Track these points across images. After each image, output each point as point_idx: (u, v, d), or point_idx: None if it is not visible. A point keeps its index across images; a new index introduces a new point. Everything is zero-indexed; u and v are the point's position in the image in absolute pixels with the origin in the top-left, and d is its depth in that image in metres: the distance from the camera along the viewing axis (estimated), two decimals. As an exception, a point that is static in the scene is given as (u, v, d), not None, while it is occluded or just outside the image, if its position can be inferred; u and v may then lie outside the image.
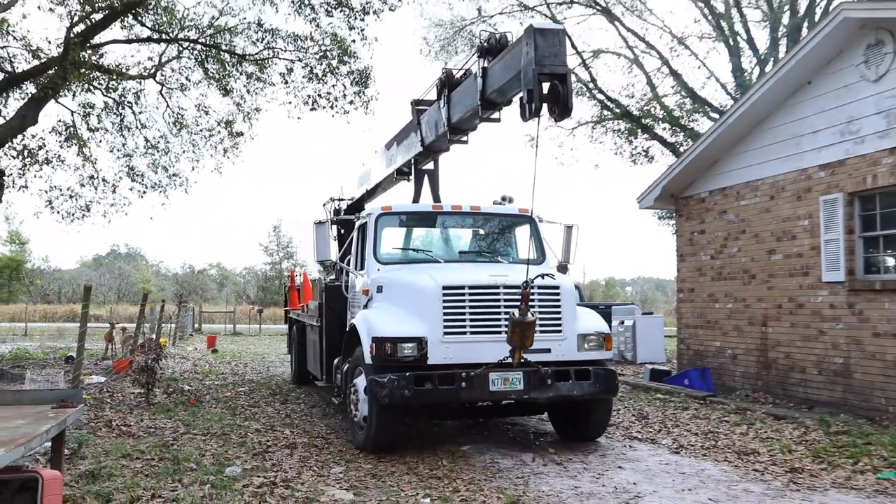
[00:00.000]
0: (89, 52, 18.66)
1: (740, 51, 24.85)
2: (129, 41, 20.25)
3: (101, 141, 21.59)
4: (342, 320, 12.01)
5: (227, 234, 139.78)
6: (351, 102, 20.45)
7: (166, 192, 22.44)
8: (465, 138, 11.42)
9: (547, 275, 9.59)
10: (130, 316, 29.75)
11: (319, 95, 20.46)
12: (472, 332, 9.28)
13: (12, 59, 19.59)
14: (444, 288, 9.32)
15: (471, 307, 9.34)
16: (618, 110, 26.36)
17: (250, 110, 21.72)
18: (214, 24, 20.36)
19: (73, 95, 20.21)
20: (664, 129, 26.77)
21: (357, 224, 12.18)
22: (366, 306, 10.58)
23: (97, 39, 19.20)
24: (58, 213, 21.40)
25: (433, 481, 8.15)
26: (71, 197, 21.41)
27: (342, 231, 15.51)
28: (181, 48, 20.74)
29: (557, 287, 9.74)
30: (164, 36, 20.15)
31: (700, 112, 25.80)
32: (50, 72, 17.50)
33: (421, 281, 9.77)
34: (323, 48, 20.17)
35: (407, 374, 8.92)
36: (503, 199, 12.32)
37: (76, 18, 17.97)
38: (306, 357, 15.72)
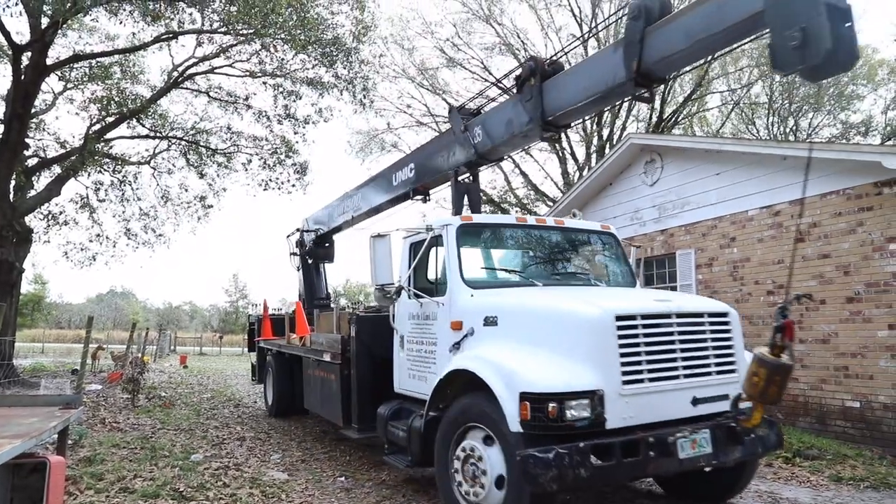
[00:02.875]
0: (102, 144, 18.61)
1: (566, 160, 25.79)
2: (132, 137, 20.15)
3: (106, 209, 21.14)
4: (382, 358, 7.23)
5: (198, 276, 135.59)
6: (293, 186, 20.57)
7: (153, 247, 21.85)
8: (556, 135, 7.44)
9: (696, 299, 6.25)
10: (122, 340, 28.44)
11: (270, 180, 20.51)
12: (650, 380, 4.99)
13: (45, 148, 19.80)
14: (618, 318, 4.95)
15: (645, 344, 5.03)
16: (484, 197, 26.95)
17: (219, 189, 21.58)
18: (196, 126, 20.57)
19: (88, 175, 19.78)
20: (516, 211, 27.47)
21: (413, 241, 6.94)
22: (457, 345, 5.84)
23: (109, 135, 19.11)
24: (71, 261, 20.82)
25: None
26: (82, 250, 20.80)
27: (309, 259, 13.30)
28: (170, 143, 20.66)
29: (726, 314, 5.57)
30: (158, 134, 20.12)
31: (540, 200, 26.56)
32: (72, 158, 17.44)
33: (574, 308, 5.18)
34: (274, 146, 20.44)
35: (581, 444, 4.59)
36: (573, 214, 8.05)
37: (94, 120, 18.88)
38: (291, 392, 11.27)
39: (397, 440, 6.48)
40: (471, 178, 8.31)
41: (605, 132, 24.50)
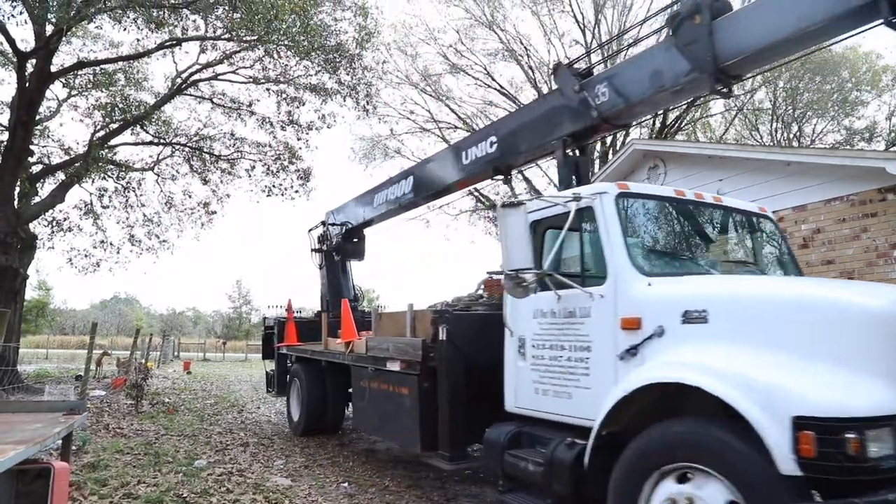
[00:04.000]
0: (106, 150, 18.70)
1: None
2: (136, 144, 20.23)
3: (110, 215, 21.22)
4: (482, 368, 5.80)
5: (202, 282, 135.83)
6: (297, 192, 20.66)
7: (157, 253, 21.93)
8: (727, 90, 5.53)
9: None
10: (126, 346, 28.54)
11: (274, 186, 20.58)
12: None
13: (49, 155, 19.80)
14: None
15: None
16: (487, 203, 26.96)
17: (223, 195, 21.70)
18: (199, 132, 20.67)
19: (92, 181, 19.88)
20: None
21: (540, 217, 5.40)
22: (633, 350, 4.29)
23: (113, 142, 19.20)
24: (75, 267, 20.86)
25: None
26: (86, 256, 20.81)
27: (336, 256, 11.79)
28: (174, 149, 20.75)
29: None
30: (161, 140, 20.18)
31: (542, 207, 26.50)
32: (76, 164, 17.55)
33: (850, 299, 3.72)
34: (277, 152, 20.55)
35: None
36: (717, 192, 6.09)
37: (98, 127, 18.99)
38: (323, 407, 9.98)
39: (524, 475, 4.83)
40: (577, 150, 6.70)
41: (609, 138, 24.53)
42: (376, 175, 46.08)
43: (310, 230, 12.53)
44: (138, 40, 16.78)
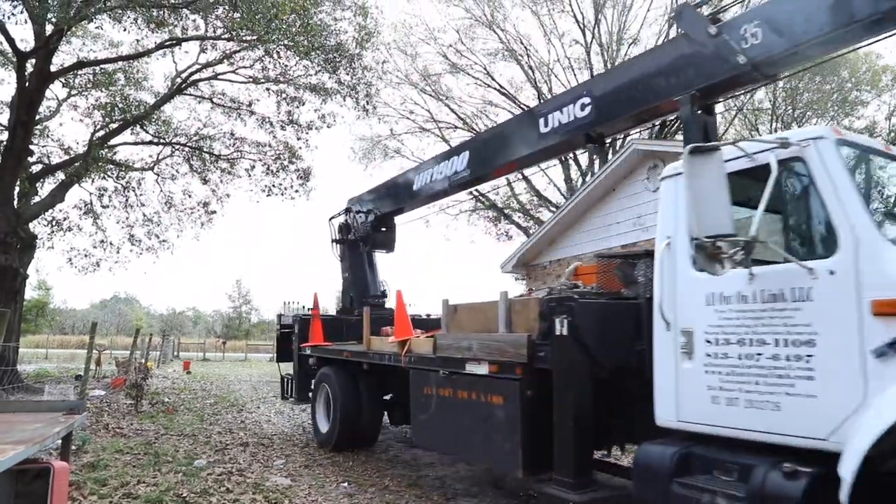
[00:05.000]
0: (106, 150, 18.71)
1: (570, 166, 25.77)
2: (135, 143, 20.26)
3: (110, 215, 21.23)
4: (617, 370, 4.76)
5: (202, 282, 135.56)
6: (296, 192, 20.67)
7: (157, 253, 21.92)
8: None
9: None
10: (126, 346, 28.56)
11: (274, 186, 20.58)
12: None
13: (49, 155, 19.83)
14: None
15: None
16: (487, 203, 26.97)
17: (222, 195, 21.72)
18: (199, 132, 20.68)
19: (92, 181, 19.89)
20: (519, 217, 27.50)
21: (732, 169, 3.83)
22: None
23: (112, 142, 19.22)
24: (75, 267, 20.86)
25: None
26: (86, 256, 20.82)
27: (364, 245, 10.69)
28: (174, 149, 20.77)
29: None
30: (161, 140, 20.21)
31: (543, 206, 26.57)
32: (76, 164, 17.56)
33: None
34: (277, 152, 20.55)
35: None
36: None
37: (98, 126, 19.01)
38: (359, 416, 8.77)
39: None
40: (701, 110, 5.36)
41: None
42: (376, 175, 46.02)
43: (331, 218, 11.50)
44: (138, 40, 16.87)
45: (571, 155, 25.64)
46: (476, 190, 25.74)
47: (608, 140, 6.98)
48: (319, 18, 17.91)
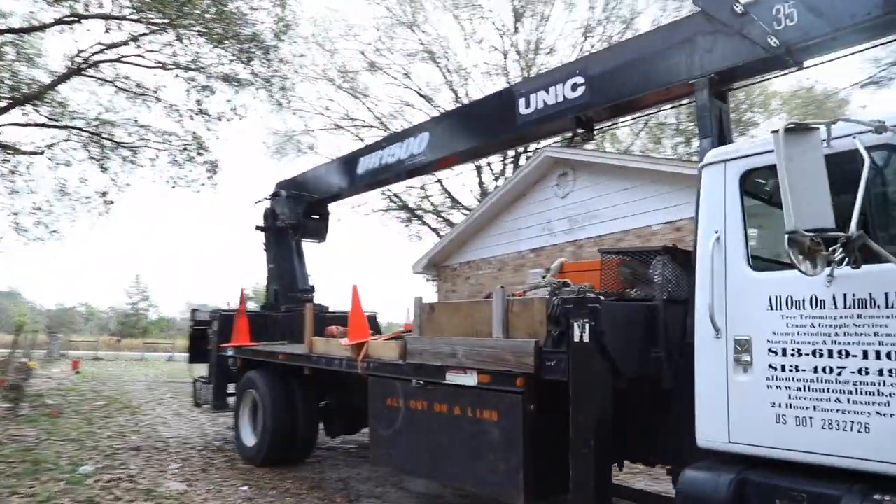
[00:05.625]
0: (-10, 130, 16.62)
1: (483, 170, 25.43)
2: (26, 125, 18.19)
3: (-8, 201, 18.84)
4: (639, 382, 4.09)
5: (96, 277, 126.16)
6: (203, 184, 19.38)
7: (45, 243, 19.84)
8: None
9: None
10: (4, 344, 25.73)
11: (180, 178, 19.18)
12: None
13: None
14: None
15: None
16: (400, 203, 26.22)
17: (122, 185, 19.84)
18: (100, 117, 18.85)
19: (-26, 163, 17.63)
20: (432, 218, 26.94)
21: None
22: None
23: (-1, 121, 17.10)
24: (-54, 256, 18.50)
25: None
26: (-41, 244, 18.48)
27: (295, 234, 9.52)
28: (70, 133, 18.81)
29: None
30: (56, 123, 18.27)
31: (456, 209, 26.14)
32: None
33: None
34: (185, 142, 19.14)
35: None
36: None
37: None
38: (293, 428, 7.53)
39: None
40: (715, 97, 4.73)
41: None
42: (289, 171, 44.20)
43: (257, 202, 10.21)
44: (32, 12, 15.03)
45: (485, 160, 25.38)
46: (389, 189, 24.93)
47: (596, 128, 6.08)
48: (236, 6, 17.05)
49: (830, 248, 2.82)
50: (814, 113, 22.46)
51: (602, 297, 3.98)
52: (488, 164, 25.02)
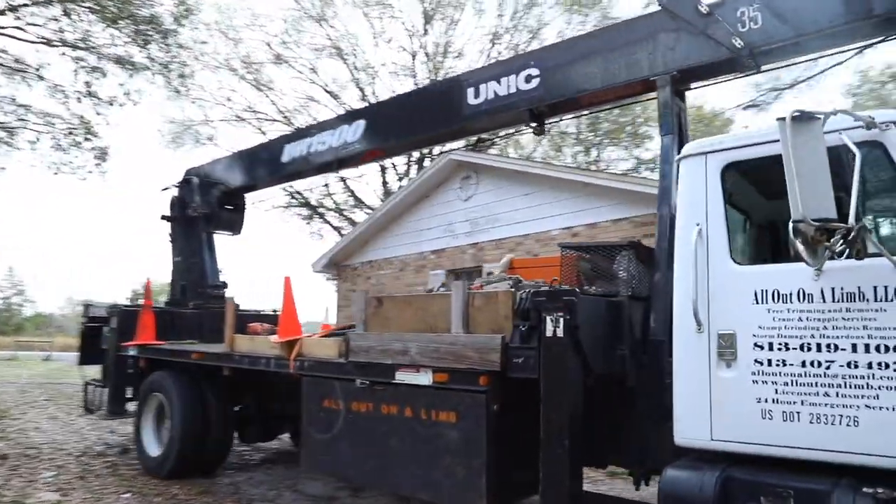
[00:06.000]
0: None
1: (387, 169, 25.05)
2: None
3: None
4: (599, 378, 3.87)
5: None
6: (90, 172, 18.15)
7: None
8: None
9: None
10: None
11: (64, 164, 17.84)
12: None
13: None
14: None
15: None
16: (301, 200, 25.34)
17: (-4, 168, 18.11)
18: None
19: None
20: (334, 216, 26.23)
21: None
22: None
23: None
24: None
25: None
26: None
27: (208, 225, 8.75)
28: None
29: None
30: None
31: (359, 208, 25.60)
32: None
33: None
34: (70, 126, 17.73)
35: None
36: None
37: None
38: (203, 437, 6.67)
39: None
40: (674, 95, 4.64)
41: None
42: (185, 162, 41.73)
43: (164, 189, 9.24)
44: None
45: (389, 161, 25.02)
46: (291, 186, 24.04)
47: (548, 123, 5.79)
48: (134, -17, 15.74)
49: (833, 240, 2.72)
50: (702, 131, 23.76)
51: (577, 290, 3.74)
52: (392, 165, 24.74)
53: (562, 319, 3.58)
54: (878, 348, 2.87)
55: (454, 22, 23.76)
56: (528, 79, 5.34)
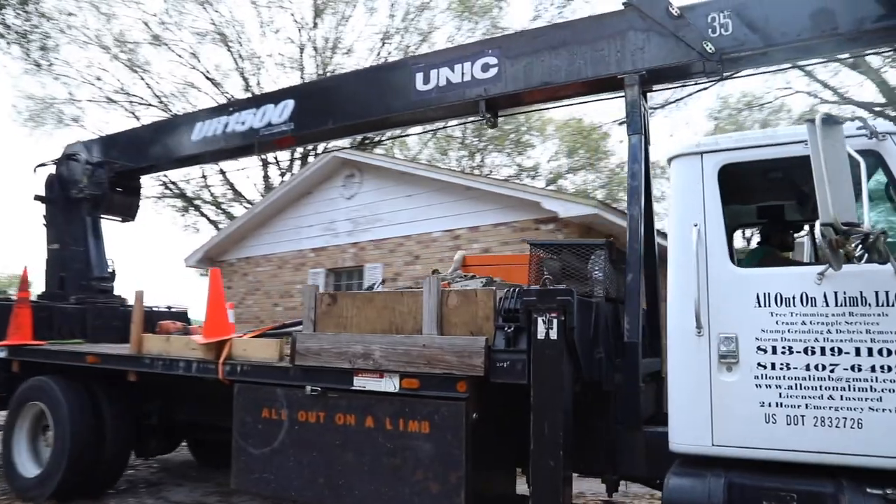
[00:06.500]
0: None
1: (269, 164, 23.82)
2: None
3: None
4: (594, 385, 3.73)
5: None
6: None
7: None
8: None
9: None
10: None
11: None
12: None
13: None
14: None
15: None
16: (177, 191, 23.48)
17: None
18: None
19: None
20: (211, 210, 24.55)
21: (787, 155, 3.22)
22: None
23: None
24: None
25: None
26: None
27: (95, 209, 7.65)
28: None
29: None
30: None
31: (238, 202, 24.12)
32: None
33: None
34: None
35: None
36: None
37: None
38: (97, 452, 5.69)
39: None
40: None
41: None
42: (44, 144, 37.24)
43: (39, 166, 7.99)
44: None
45: (272, 156, 23.86)
46: (166, 175, 22.29)
47: (501, 116, 5.42)
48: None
49: (853, 244, 2.73)
50: (581, 142, 24.72)
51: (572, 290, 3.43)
52: (275, 159, 23.55)
53: (555, 321, 3.33)
54: (880, 352, 2.89)
55: (345, 18, 22.95)
56: (486, 67, 5.02)
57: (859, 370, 2.91)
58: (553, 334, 3.33)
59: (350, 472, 3.87)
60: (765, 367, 3.07)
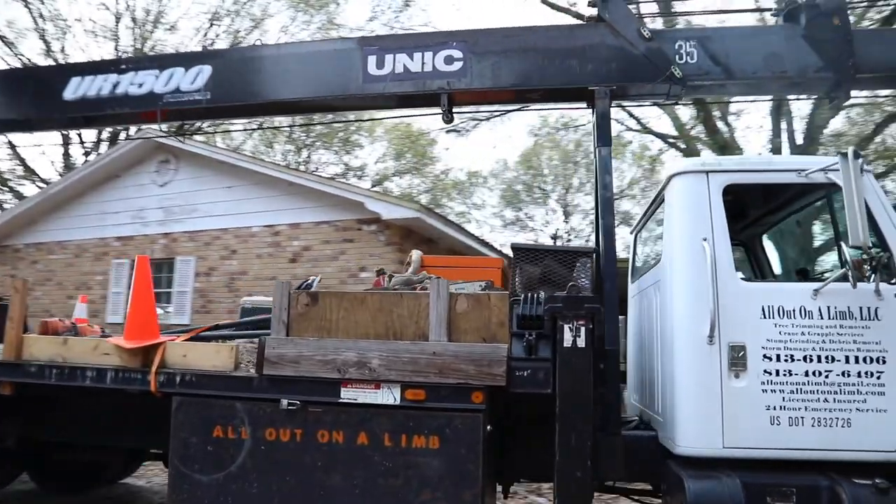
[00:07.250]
0: None
1: (71, 140, 20.66)
2: None
3: None
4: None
5: None
6: None
7: None
8: None
9: None
10: None
11: None
12: None
13: None
14: None
15: None
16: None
17: None
18: None
19: None
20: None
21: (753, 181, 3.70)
22: None
23: None
24: None
25: None
26: None
27: None
28: None
29: None
30: None
31: (30, 179, 20.71)
32: None
33: None
34: None
35: None
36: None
37: None
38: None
39: None
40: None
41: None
42: None
43: None
44: None
45: (76, 132, 20.71)
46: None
47: (457, 112, 5.04)
48: None
49: (869, 265, 3.14)
50: (409, 147, 24.82)
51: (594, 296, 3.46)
52: (79, 136, 20.53)
53: (583, 328, 3.28)
54: (865, 359, 3.32)
55: (170, -10, 20.88)
56: (450, 60, 4.70)
57: (848, 376, 3.30)
58: (581, 342, 3.28)
59: (336, 496, 3.42)
60: (770, 374, 3.34)
